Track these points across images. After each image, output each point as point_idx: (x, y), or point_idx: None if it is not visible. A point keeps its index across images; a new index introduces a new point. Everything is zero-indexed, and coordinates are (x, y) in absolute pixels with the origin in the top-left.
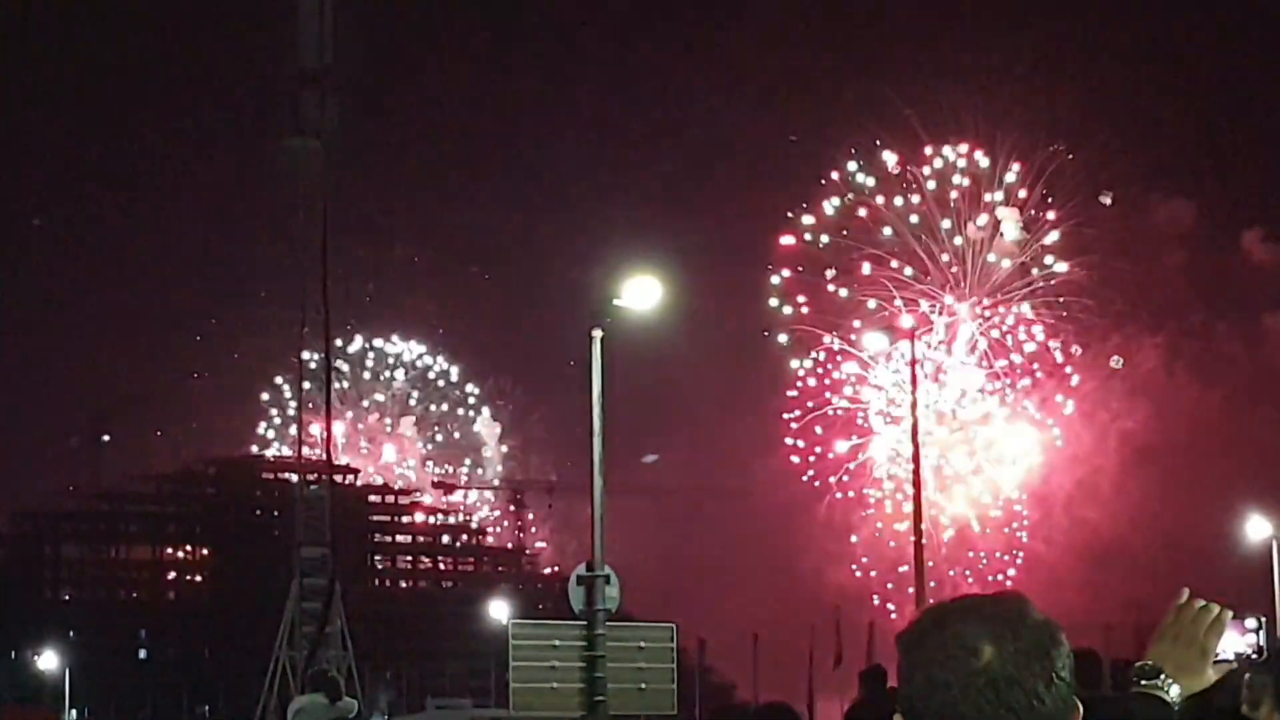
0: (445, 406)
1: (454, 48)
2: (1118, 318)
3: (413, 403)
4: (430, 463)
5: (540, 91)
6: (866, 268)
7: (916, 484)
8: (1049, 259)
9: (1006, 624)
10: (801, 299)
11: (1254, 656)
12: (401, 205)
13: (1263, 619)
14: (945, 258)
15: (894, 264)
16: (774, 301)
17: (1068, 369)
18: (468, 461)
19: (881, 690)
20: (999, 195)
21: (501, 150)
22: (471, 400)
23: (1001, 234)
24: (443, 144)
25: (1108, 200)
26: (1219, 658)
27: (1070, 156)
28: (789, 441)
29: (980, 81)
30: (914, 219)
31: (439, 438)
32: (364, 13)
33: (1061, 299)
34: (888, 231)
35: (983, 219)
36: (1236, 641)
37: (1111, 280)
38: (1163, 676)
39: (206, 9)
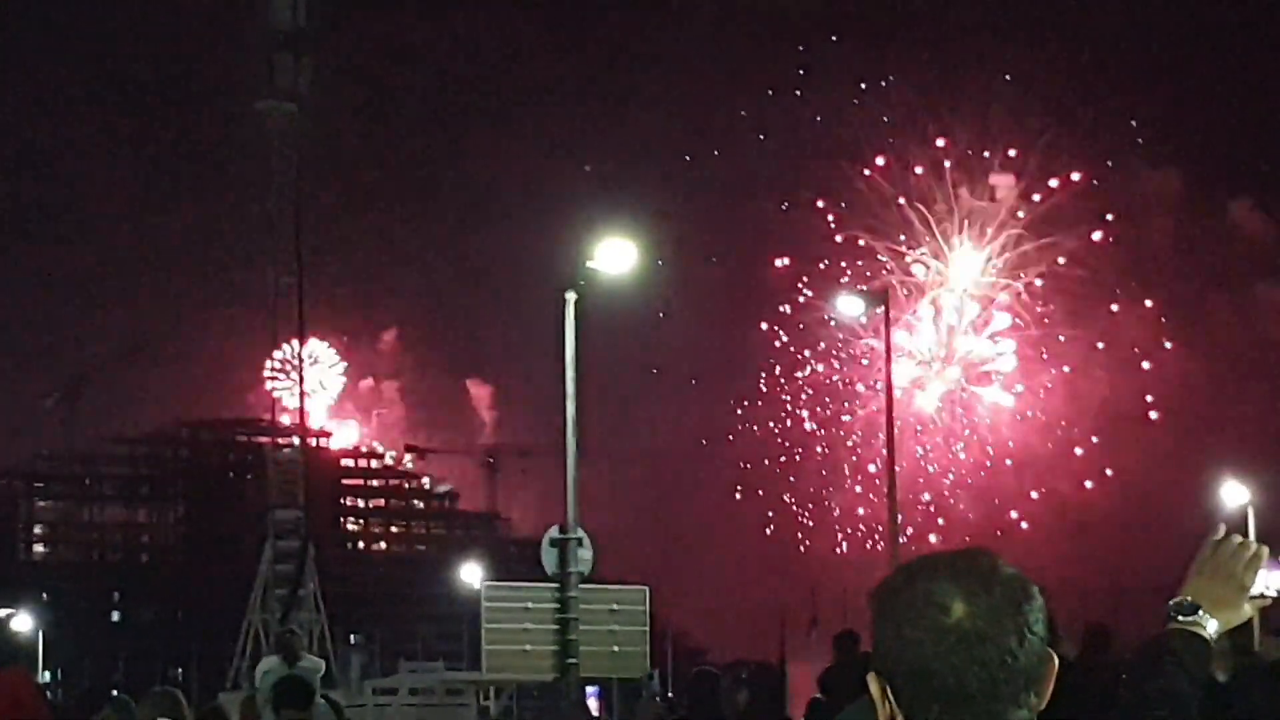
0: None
1: (427, 7)
2: (1107, 286)
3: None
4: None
5: (517, 51)
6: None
7: (890, 451)
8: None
9: (978, 579)
10: (784, 261)
11: None
12: (374, 169)
13: None
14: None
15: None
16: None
17: (1060, 337)
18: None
19: (854, 654)
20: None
21: (478, 114)
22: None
23: (995, 199)
24: (415, 106)
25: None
26: (1257, 594)
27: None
28: (769, 408)
29: (967, 52)
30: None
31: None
32: None
33: (1048, 269)
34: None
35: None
36: (1275, 578)
37: (1101, 248)
38: (1200, 612)
39: None
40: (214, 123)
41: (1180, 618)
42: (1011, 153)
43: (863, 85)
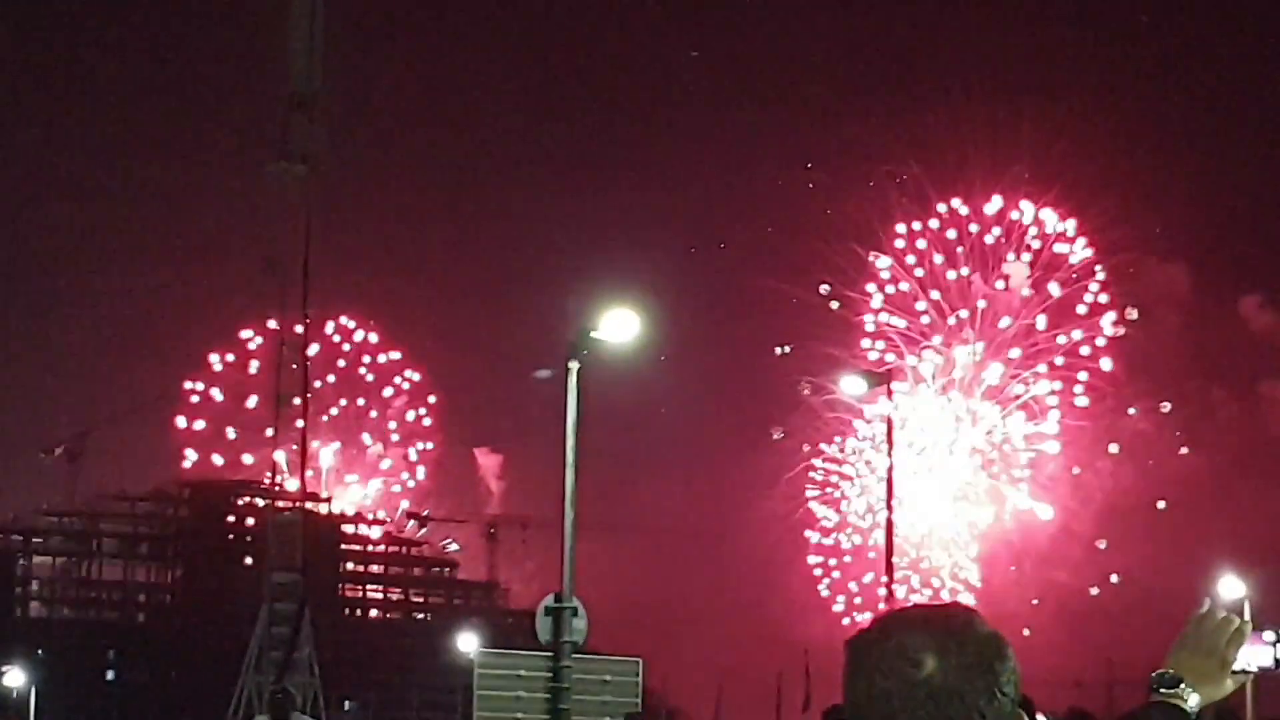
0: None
1: (438, 76)
2: (1115, 382)
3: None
4: (409, 500)
5: (525, 118)
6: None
7: (889, 537)
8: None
9: (951, 636)
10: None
11: (1275, 669)
12: (382, 230)
13: None
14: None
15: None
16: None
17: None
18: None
19: None
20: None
21: (484, 177)
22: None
23: (1009, 287)
24: (424, 170)
25: (1134, 315)
26: (1240, 669)
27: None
28: (768, 487)
29: (981, 141)
30: (918, 271)
31: (420, 473)
32: (352, 40)
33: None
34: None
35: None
36: (1258, 654)
37: (1111, 345)
38: (1182, 685)
39: (198, 33)
40: (225, 182)
41: (1162, 690)
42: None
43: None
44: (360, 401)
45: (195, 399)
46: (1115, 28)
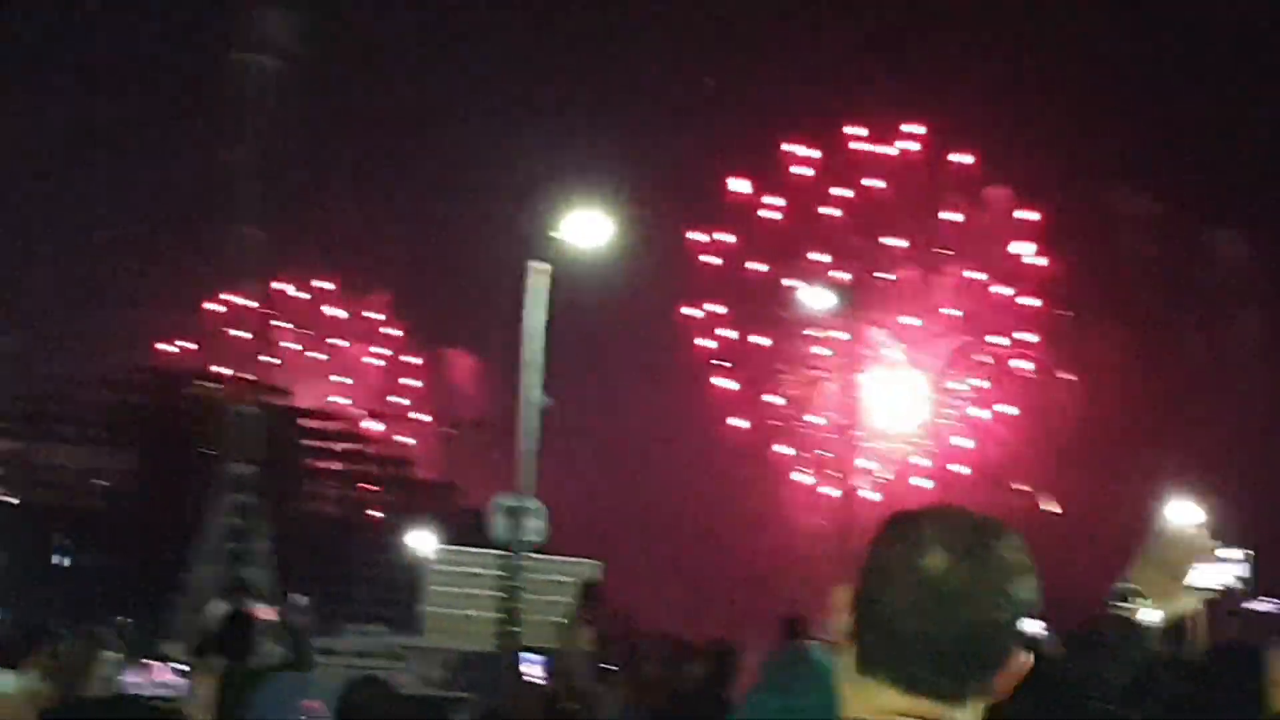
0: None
1: None
2: (1079, 308)
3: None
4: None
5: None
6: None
7: (850, 440)
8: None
9: (972, 543)
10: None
11: (1238, 589)
12: (342, 132)
13: (1249, 552)
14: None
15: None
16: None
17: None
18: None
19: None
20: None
21: (453, 78)
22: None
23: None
24: (387, 70)
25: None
26: (1198, 586)
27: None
28: (731, 391)
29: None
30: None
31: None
32: None
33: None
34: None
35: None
36: (1217, 572)
37: (1075, 272)
38: (1138, 599)
39: None
40: (190, 72)
41: (1117, 604)
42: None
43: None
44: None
45: (155, 289)
46: None
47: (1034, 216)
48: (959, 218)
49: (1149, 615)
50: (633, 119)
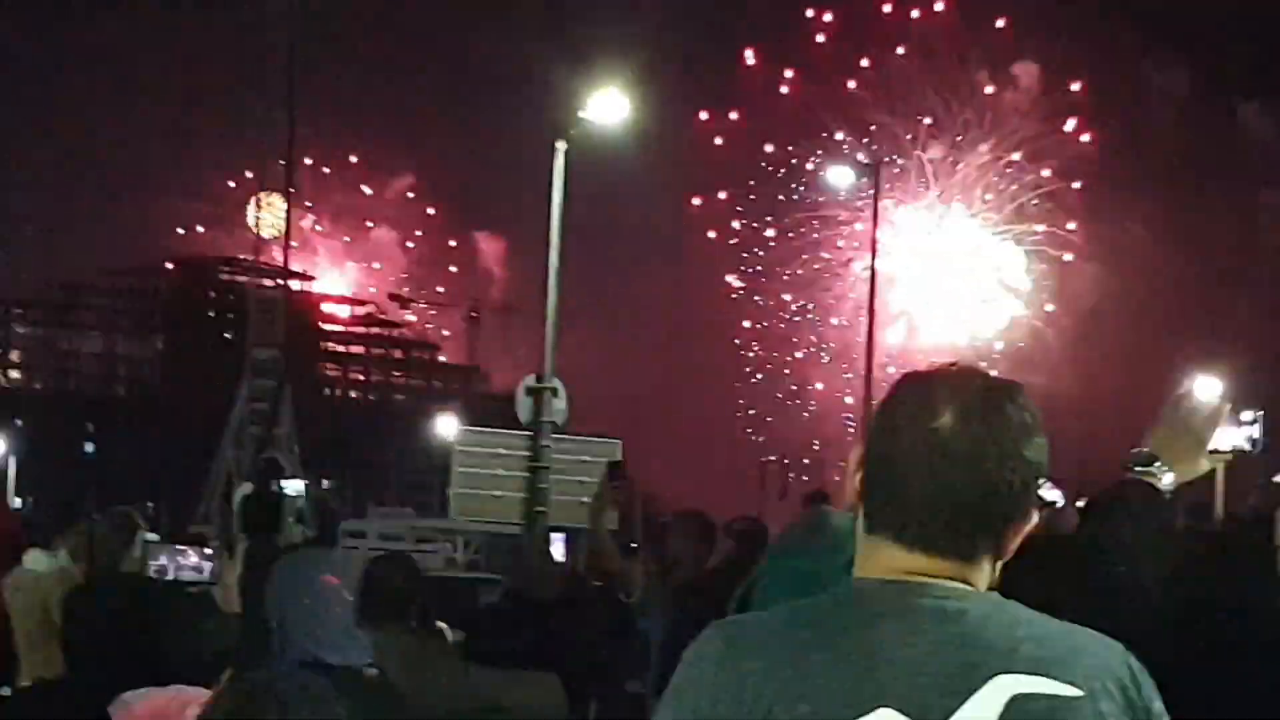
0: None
1: None
2: (1107, 183)
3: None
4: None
5: None
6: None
7: (871, 322)
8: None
9: (982, 401)
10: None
11: (1250, 449)
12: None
13: (1260, 413)
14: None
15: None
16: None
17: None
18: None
19: None
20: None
21: None
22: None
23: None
24: None
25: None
26: (1215, 449)
27: None
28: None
29: None
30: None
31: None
32: None
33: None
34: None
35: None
36: (1234, 435)
37: (1105, 147)
38: (1157, 464)
39: None
40: None
41: (1136, 468)
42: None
43: None
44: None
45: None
46: None
47: (1073, 88)
48: (989, 89)
49: (1167, 480)
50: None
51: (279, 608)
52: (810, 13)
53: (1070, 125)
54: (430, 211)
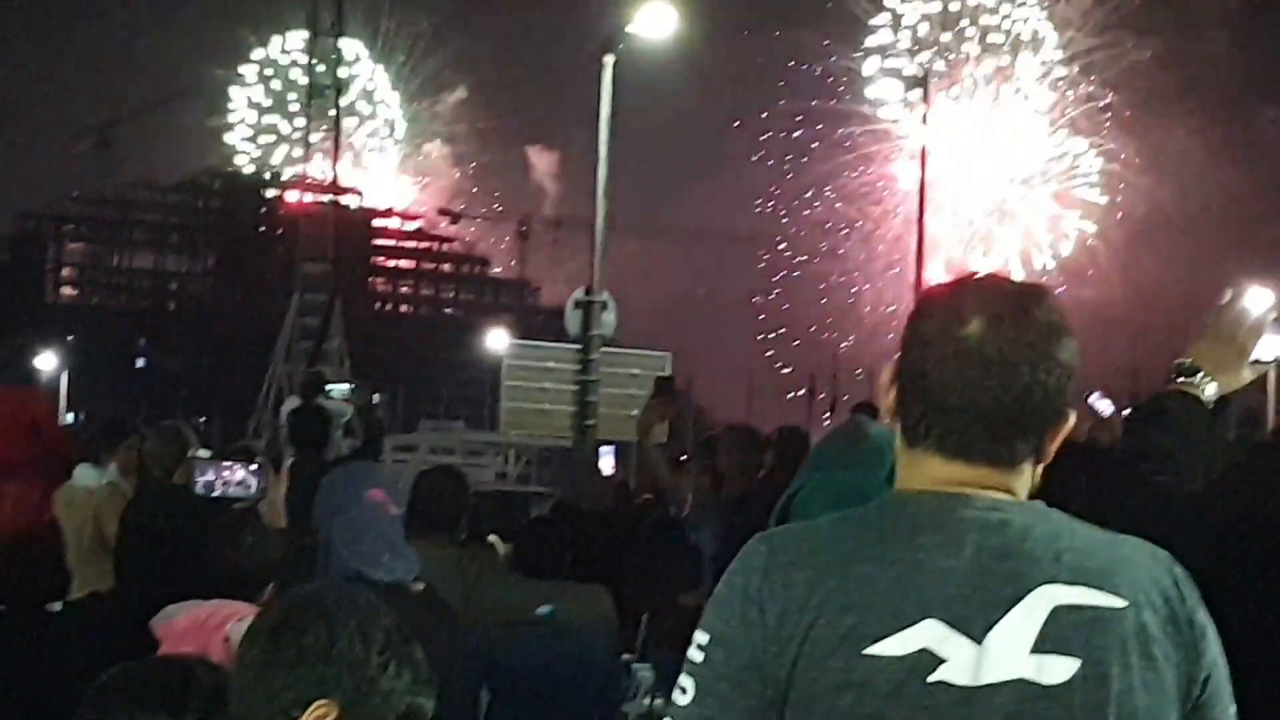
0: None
1: None
2: (1158, 96)
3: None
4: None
5: None
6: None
7: (920, 235)
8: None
9: (1008, 305)
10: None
11: None
12: None
13: None
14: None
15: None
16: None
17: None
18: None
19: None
20: None
21: None
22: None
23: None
24: None
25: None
26: (1257, 359)
27: None
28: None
29: None
30: None
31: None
32: None
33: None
34: None
35: None
36: (1276, 344)
37: (1156, 59)
38: (1200, 374)
39: None
40: None
41: (1179, 379)
42: None
43: None
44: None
45: (232, 89)
46: None
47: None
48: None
49: (1210, 390)
50: None
51: (325, 522)
52: None
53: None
54: (481, 125)
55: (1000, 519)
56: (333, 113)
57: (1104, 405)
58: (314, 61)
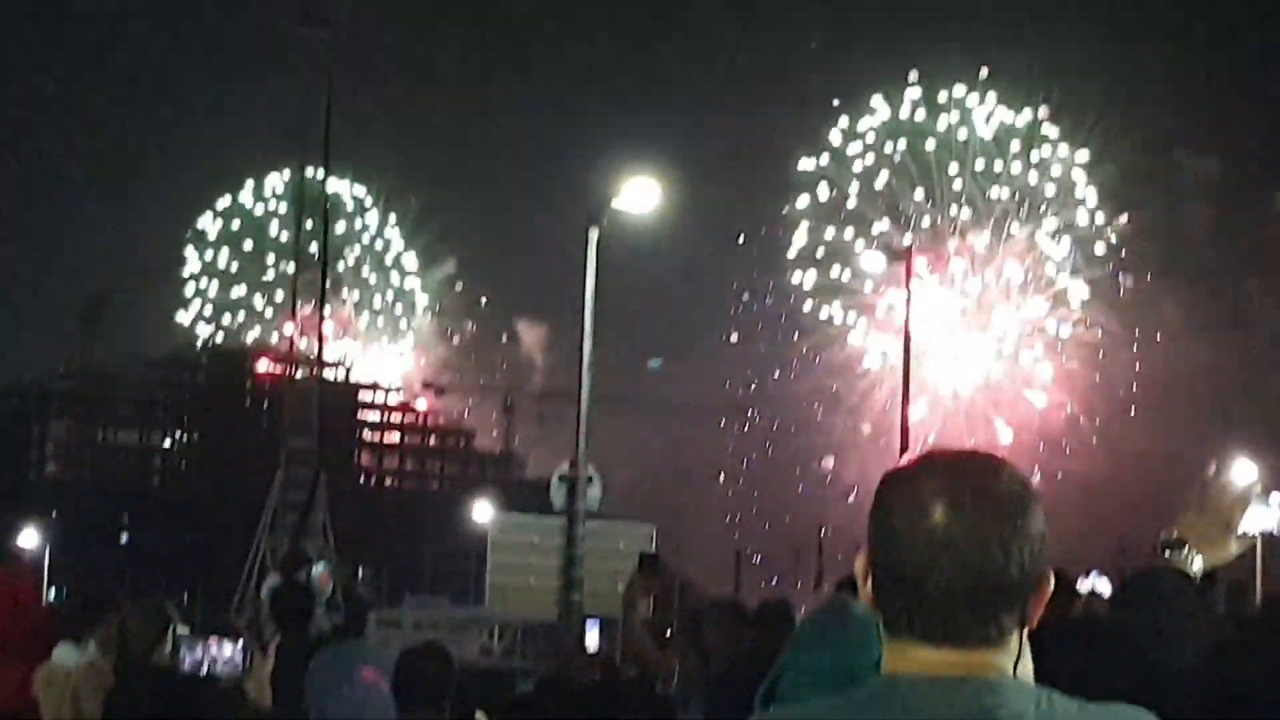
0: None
1: None
2: (1143, 270)
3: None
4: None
5: None
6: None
7: (905, 404)
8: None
9: (970, 484)
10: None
11: (1277, 533)
12: (400, 103)
13: None
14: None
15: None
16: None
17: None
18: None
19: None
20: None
21: (510, 53)
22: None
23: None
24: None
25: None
26: (1244, 533)
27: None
28: (784, 358)
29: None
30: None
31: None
32: None
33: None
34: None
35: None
36: (1263, 517)
37: (1141, 233)
38: (1186, 548)
39: None
40: (246, 42)
41: (1167, 553)
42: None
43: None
44: (392, 280)
45: (209, 258)
46: None
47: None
48: (1031, 177)
49: (1196, 564)
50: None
51: (317, 703)
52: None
53: (1099, 214)
54: (464, 291)
55: (994, 702)
56: (316, 271)
57: (1103, 584)
58: (304, 219)
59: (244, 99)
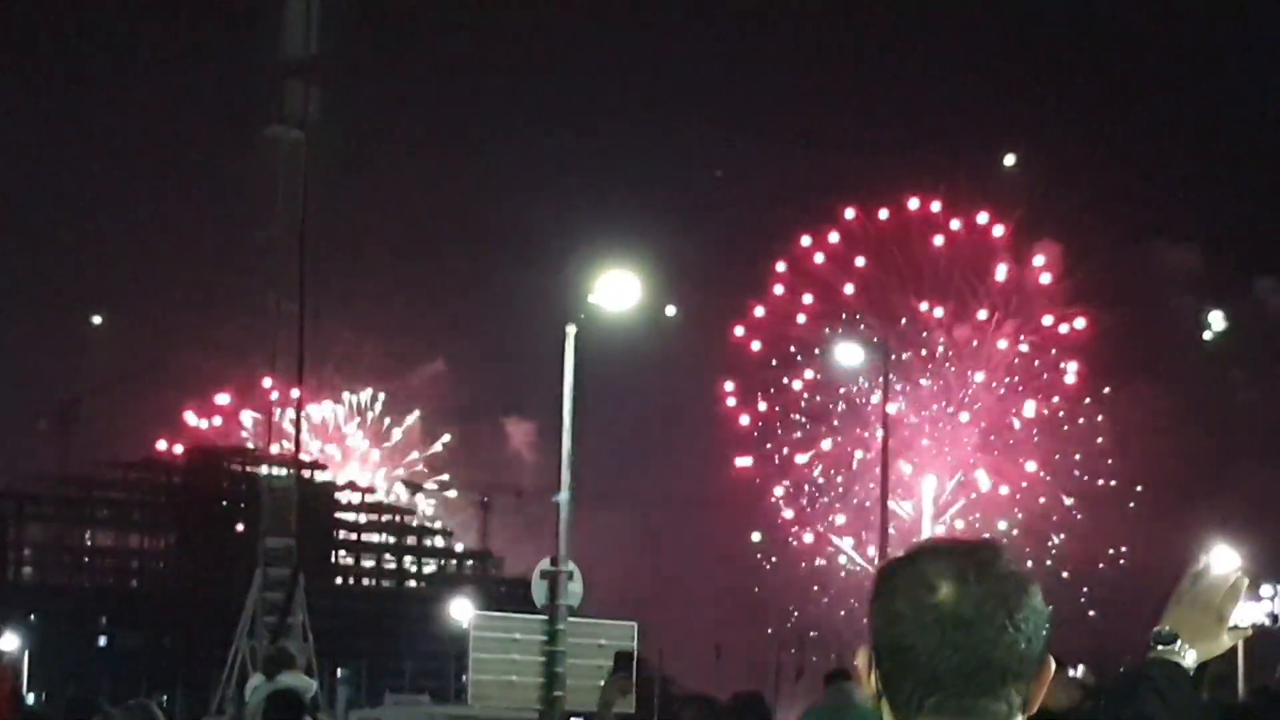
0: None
1: (436, 39)
2: (1120, 360)
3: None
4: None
5: (525, 86)
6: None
7: (883, 494)
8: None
9: (974, 566)
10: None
11: (1269, 624)
12: (378, 198)
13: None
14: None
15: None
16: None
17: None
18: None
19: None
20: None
21: (484, 142)
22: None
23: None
24: (421, 135)
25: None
26: (1235, 625)
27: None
28: (768, 454)
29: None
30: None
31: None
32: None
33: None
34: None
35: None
36: (1253, 610)
37: (1117, 326)
38: (1179, 642)
39: None
40: (218, 150)
41: (1159, 646)
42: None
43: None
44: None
45: (189, 366)
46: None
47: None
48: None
49: (1190, 658)
50: (681, 182)
51: None
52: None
53: (1081, 323)
54: (454, 397)
55: None
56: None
57: (1090, 678)
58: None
59: (214, 205)
